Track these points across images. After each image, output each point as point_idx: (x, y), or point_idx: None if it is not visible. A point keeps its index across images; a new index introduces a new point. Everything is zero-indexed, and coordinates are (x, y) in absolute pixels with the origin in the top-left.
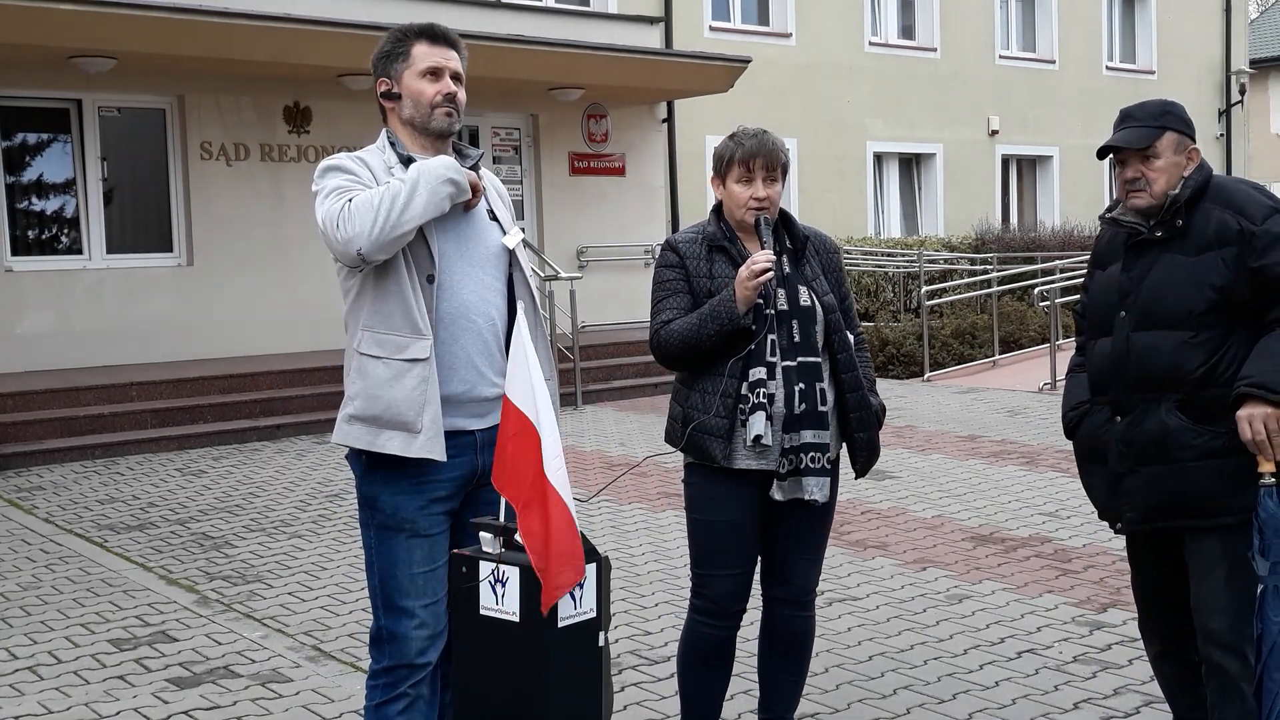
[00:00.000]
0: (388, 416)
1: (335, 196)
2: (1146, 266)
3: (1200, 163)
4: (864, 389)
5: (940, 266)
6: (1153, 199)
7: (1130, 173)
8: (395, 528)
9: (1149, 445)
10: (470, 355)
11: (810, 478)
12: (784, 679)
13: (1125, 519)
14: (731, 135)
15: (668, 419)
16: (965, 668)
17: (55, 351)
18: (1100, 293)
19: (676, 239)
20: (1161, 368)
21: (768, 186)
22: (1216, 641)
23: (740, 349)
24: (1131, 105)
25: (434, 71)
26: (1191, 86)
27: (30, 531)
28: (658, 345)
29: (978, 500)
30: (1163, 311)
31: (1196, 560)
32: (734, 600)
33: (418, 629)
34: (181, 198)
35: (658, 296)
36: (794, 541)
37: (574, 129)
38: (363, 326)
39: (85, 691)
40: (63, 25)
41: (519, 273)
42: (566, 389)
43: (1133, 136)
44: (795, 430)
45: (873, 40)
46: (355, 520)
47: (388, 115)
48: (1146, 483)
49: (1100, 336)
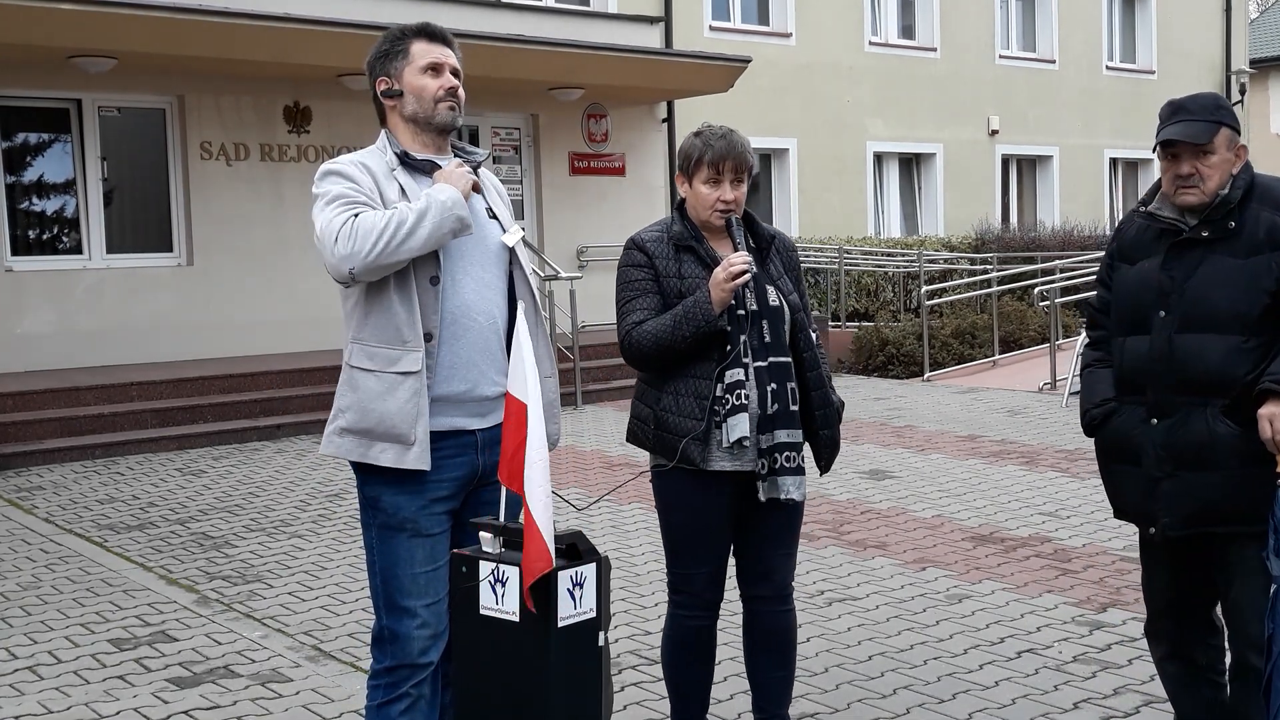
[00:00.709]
0: (381, 429)
1: (338, 208)
2: (1191, 266)
3: (1245, 161)
4: (827, 386)
5: (940, 266)
6: (1204, 196)
7: (1185, 168)
8: (397, 527)
9: (1192, 450)
10: (472, 355)
11: (787, 477)
12: (773, 675)
13: (1162, 524)
14: (697, 133)
15: (631, 419)
16: (965, 667)
17: (55, 351)
18: (1133, 289)
19: (642, 237)
20: (1209, 372)
21: (735, 189)
22: (1255, 645)
23: (714, 350)
24: (1182, 98)
25: (435, 67)
26: (1192, 86)
27: (30, 531)
28: (629, 347)
29: (978, 500)
30: (1211, 314)
31: (1237, 565)
32: (712, 591)
33: (420, 629)
34: (181, 198)
35: (626, 296)
36: (769, 540)
37: (574, 129)
38: (353, 339)
39: (85, 691)
40: (63, 25)
41: (519, 271)
42: (566, 389)
43: (1194, 130)
44: (770, 430)
45: (873, 40)
46: (355, 520)
47: (387, 114)
48: (1187, 487)
49: (1131, 334)
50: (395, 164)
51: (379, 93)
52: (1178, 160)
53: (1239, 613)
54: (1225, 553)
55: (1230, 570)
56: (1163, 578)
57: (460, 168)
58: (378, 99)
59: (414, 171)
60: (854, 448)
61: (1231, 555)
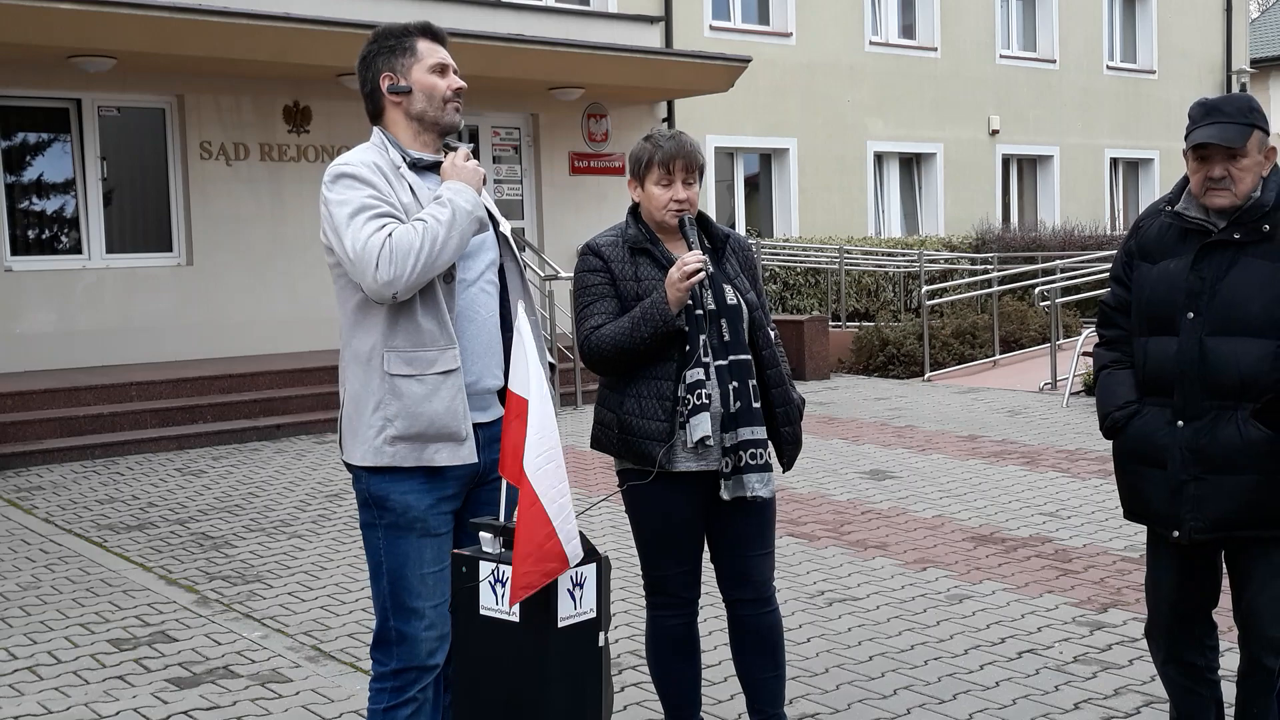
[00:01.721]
0: (433, 431)
1: (367, 223)
2: (1222, 268)
3: (1275, 163)
4: (786, 384)
5: (940, 266)
6: (1235, 199)
7: (1217, 170)
8: (406, 527)
9: (1222, 454)
10: (477, 349)
11: (753, 474)
12: (764, 676)
13: (1187, 527)
14: (647, 137)
15: (595, 425)
16: (965, 668)
17: (55, 351)
18: (1158, 289)
19: (598, 242)
20: (1242, 376)
21: (687, 189)
22: (1273, 648)
23: (674, 351)
24: (1215, 98)
25: (442, 67)
26: (1192, 86)
27: (30, 531)
28: (589, 351)
29: (978, 500)
30: (1245, 318)
31: (1259, 569)
32: (688, 589)
33: (427, 630)
34: (181, 198)
35: (583, 301)
36: (744, 542)
37: (574, 129)
38: (386, 347)
39: (85, 691)
40: (63, 25)
41: (512, 262)
42: (566, 389)
43: (1226, 134)
44: (733, 428)
45: (873, 40)
46: (356, 520)
47: (387, 111)
48: (1215, 491)
49: (1155, 335)
50: (400, 161)
51: (384, 89)
52: (1209, 162)
53: (1257, 616)
54: (1244, 556)
55: (1248, 573)
56: (1170, 581)
57: (469, 160)
58: (374, 95)
59: (420, 171)
60: (854, 448)
61: (1251, 558)
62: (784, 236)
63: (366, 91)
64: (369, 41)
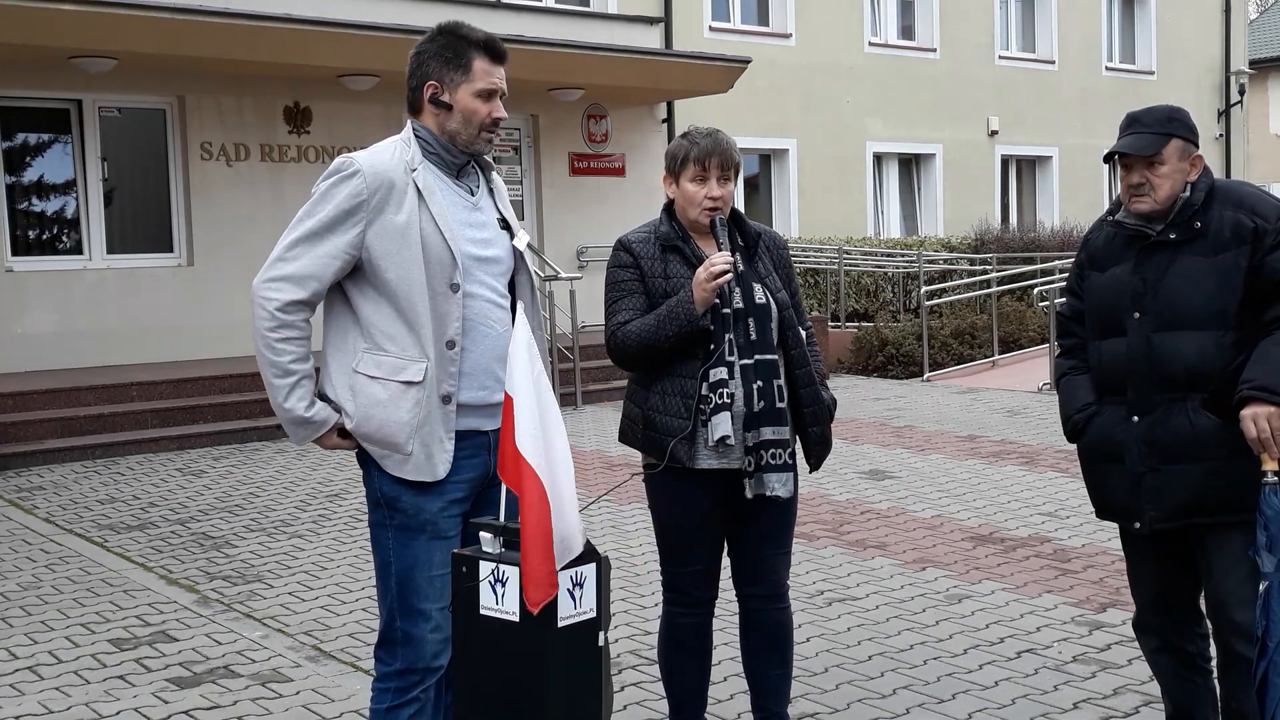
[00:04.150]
0: (379, 436)
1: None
2: (1161, 268)
3: (1204, 168)
4: (816, 384)
5: (940, 267)
6: (1156, 204)
7: (1135, 178)
8: (417, 529)
9: (1175, 444)
10: (488, 362)
11: (773, 474)
12: (771, 673)
13: (1147, 517)
14: (684, 134)
15: (623, 419)
16: (965, 667)
17: (55, 351)
18: (1105, 294)
19: (630, 239)
20: (1188, 367)
21: (722, 186)
22: (1242, 634)
23: (699, 350)
24: (1138, 110)
25: (489, 93)
26: (1191, 87)
27: (30, 531)
28: (615, 346)
29: (977, 500)
30: (1185, 312)
31: (1219, 555)
32: (705, 588)
33: (433, 631)
34: (182, 198)
35: (613, 297)
36: (763, 540)
37: (574, 129)
38: (364, 348)
39: (85, 691)
40: (63, 25)
41: (523, 275)
42: (566, 389)
43: (1140, 143)
44: (755, 428)
45: (872, 40)
46: (356, 520)
47: (424, 113)
48: (1171, 480)
49: (1106, 337)
50: (417, 162)
51: (426, 97)
52: (1129, 170)
53: (1223, 602)
54: (1206, 542)
55: (1212, 559)
56: (1149, 572)
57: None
58: (417, 93)
59: (441, 168)
60: (854, 448)
61: (1212, 545)
62: (783, 237)
63: (412, 85)
64: (430, 37)
